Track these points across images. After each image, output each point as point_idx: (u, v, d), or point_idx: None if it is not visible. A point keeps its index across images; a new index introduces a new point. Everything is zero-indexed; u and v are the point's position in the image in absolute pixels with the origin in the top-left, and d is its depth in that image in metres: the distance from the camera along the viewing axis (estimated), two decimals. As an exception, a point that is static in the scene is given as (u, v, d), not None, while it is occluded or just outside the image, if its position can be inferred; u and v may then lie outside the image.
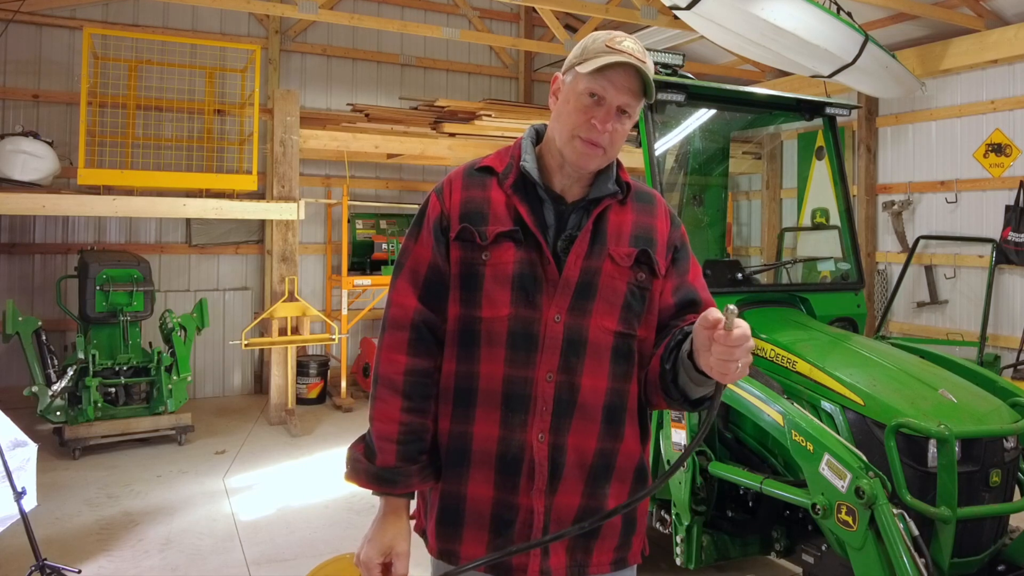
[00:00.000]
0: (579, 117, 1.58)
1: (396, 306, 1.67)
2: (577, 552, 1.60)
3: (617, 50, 1.55)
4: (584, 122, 1.57)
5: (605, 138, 1.58)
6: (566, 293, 1.59)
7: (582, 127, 1.58)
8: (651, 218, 1.70)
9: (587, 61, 1.56)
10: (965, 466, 2.75)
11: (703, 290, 1.72)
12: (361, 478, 1.66)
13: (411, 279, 1.66)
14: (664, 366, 1.59)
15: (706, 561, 3.40)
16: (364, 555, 1.63)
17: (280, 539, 4.41)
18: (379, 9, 8.91)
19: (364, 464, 1.65)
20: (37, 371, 5.77)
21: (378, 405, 1.65)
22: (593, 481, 1.60)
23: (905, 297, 7.25)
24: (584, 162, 1.61)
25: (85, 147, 6.16)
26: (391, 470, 1.62)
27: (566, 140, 1.60)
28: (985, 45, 6.36)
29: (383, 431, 1.64)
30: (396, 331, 1.65)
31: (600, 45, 1.57)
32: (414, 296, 1.65)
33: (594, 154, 1.59)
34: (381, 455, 1.63)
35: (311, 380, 7.80)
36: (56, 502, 4.82)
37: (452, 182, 1.69)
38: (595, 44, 1.58)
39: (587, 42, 1.61)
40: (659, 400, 1.66)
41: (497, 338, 1.59)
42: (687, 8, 5.12)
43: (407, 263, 1.68)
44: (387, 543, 1.63)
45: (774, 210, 8.89)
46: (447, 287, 1.64)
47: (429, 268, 1.66)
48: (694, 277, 1.73)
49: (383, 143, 7.23)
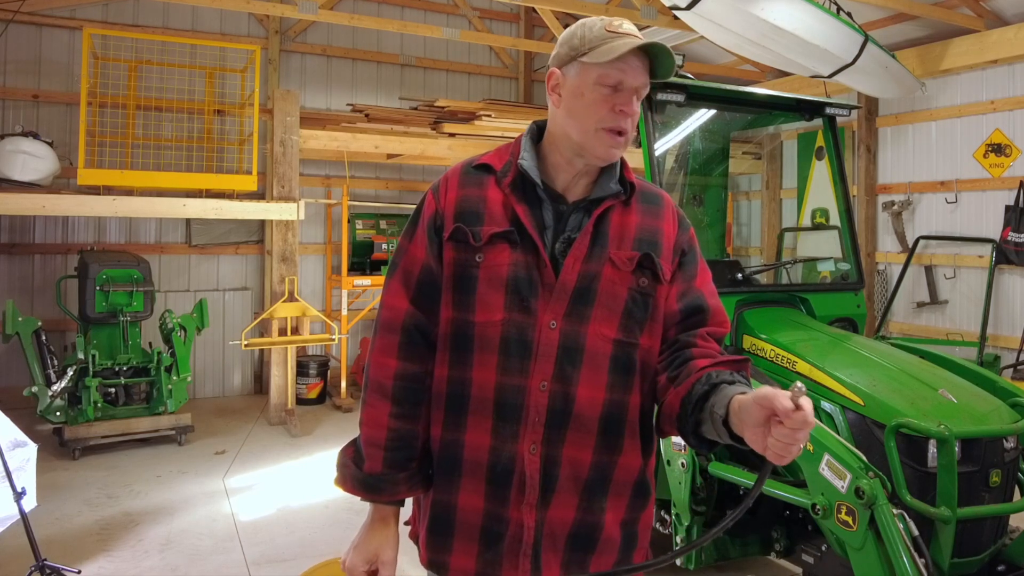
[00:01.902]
0: (602, 108, 1.52)
1: (387, 308, 1.62)
2: (572, 567, 1.53)
3: (621, 33, 1.52)
4: (608, 112, 1.52)
5: (628, 124, 1.54)
6: (562, 298, 1.51)
7: (607, 118, 1.52)
8: (657, 220, 1.61)
9: (595, 50, 1.51)
10: (965, 466, 2.75)
11: (711, 296, 1.63)
12: (348, 484, 1.64)
13: (404, 280, 1.61)
14: (686, 414, 1.48)
15: (706, 561, 3.40)
16: (350, 562, 1.61)
17: (280, 539, 4.41)
18: (379, 9, 8.91)
19: (352, 469, 1.63)
20: (37, 371, 5.76)
21: (367, 410, 1.62)
22: (589, 495, 1.53)
23: (905, 297, 7.25)
24: (613, 153, 1.56)
25: (85, 147, 6.15)
26: (378, 477, 1.59)
27: (590, 134, 1.54)
28: (985, 45, 6.36)
29: (371, 436, 1.60)
30: (387, 334, 1.61)
31: (601, 32, 1.52)
32: (406, 298, 1.60)
33: (621, 143, 1.55)
34: (369, 461, 1.60)
35: (311, 380, 7.81)
36: (56, 502, 4.82)
37: (448, 180, 1.63)
38: (595, 32, 1.53)
39: (582, 31, 1.55)
40: (671, 432, 1.58)
41: (490, 343, 1.52)
42: (687, 8, 5.11)
43: (401, 263, 1.63)
44: (372, 551, 1.60)
45: (774, 210, 8.89)
46: (440, 289, 1.58)
47: (422, 269, 1.60)
48: (702, 283, 1.63)
49: (383, 143, 7.23)
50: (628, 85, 1.52)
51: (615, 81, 1.51)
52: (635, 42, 1.49)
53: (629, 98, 1.53)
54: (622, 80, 1.51)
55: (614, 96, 1.52)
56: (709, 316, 1.60)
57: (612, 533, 1.56)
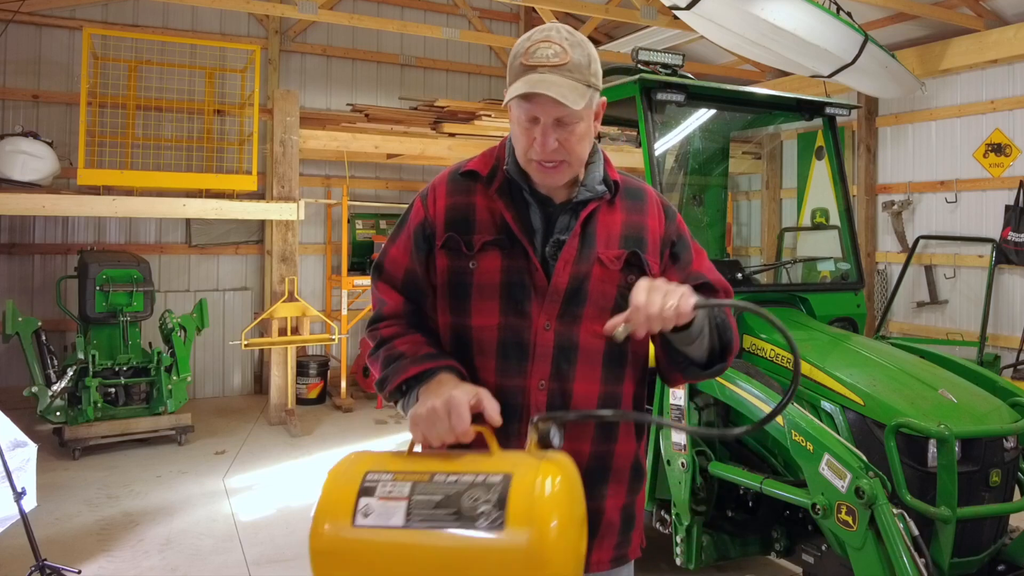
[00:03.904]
0: (523, 141, 1.53)
1: (384, 302, 1.67)
2: None
3: (530, 66, 1.46)
4: (529, 146, 1.52)
5: (557, 154, 1.51)
6: (555, 300, 1.56)
7: (531, 151, 1.52)
8: (641, 216, 1.65)
9: (511, 84, 1.49)
10: (965, 466, 2.75)
11: (710, 272, 1.68)
12: (398, 376, 1.53)
13: (389, 282, 1.67)
14: (657, 343, 1.61)
15: (706, 561, 3.39)
16: (452, 398, 1.38)
17: (280, 539, 4.41)
18: (379, 9, 8.91)
19: (389, 371, 1.55)
20: (37, 371, 5.77)
21: (376, 355, 1.61)
22: (590, 484, 1.56)
23: (905, 297, 7.25)
24: (550, 181, 1.56)
25: (85, 147, 6.15)
26: (423, 357, 1.54)
27: (524, 164, 1.56)
28: (985, 45, 6.36)
29: (391, 355, 1.57)
30: (390, 317, 1.64)
31: (517, 64, 1.49)
32: (397, 293, 1.66)
33: (554, 172, 1.54)
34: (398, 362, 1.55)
35: (311, 380, 7.81)
36: (56, 502, 4.82)
37: (436, 188, 1.65)
38: (515, 61, 1.50)
39: (513, 54, 1.52)
40: (675, 376, 1.66)
41: (488, 347, 1.57)
42: (687, 8, 5.12)
43: (385, 265, 1.68)
44: (466, 390, 1.43)
45: (774, 210, 8.89)
46: (424, 293, 1.64)
47: (405, 272, 1.65)
48: (698, 264, 1.69)
49: (383, 143, 7.23)
50: (543, 119, 1.49)
51: (529, 116, 1.50)
52: (524, 88, 1.44)
53: (545, 130, 1.49)
54: (535, 115, 1.49)
55: (532, 128, 1.51)
56: (714, 289, 1.66)
57: (613, 517, 1.62)
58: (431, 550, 1.26)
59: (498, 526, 1.24)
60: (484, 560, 1.25)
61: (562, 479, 1.31)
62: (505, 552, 1.24)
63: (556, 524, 1.25)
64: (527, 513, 1.25)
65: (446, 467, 1.33)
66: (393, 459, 1.39)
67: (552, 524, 1.25)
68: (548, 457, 1.35)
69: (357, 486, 1.32)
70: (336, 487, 1.34)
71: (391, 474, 1.33)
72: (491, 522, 1.25)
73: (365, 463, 1.37)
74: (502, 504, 1.26)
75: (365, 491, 1.31)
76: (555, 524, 1.25)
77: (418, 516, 1.27)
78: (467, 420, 1.37)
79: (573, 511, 1.33)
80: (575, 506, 1.35)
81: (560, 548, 1.26)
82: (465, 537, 1.25)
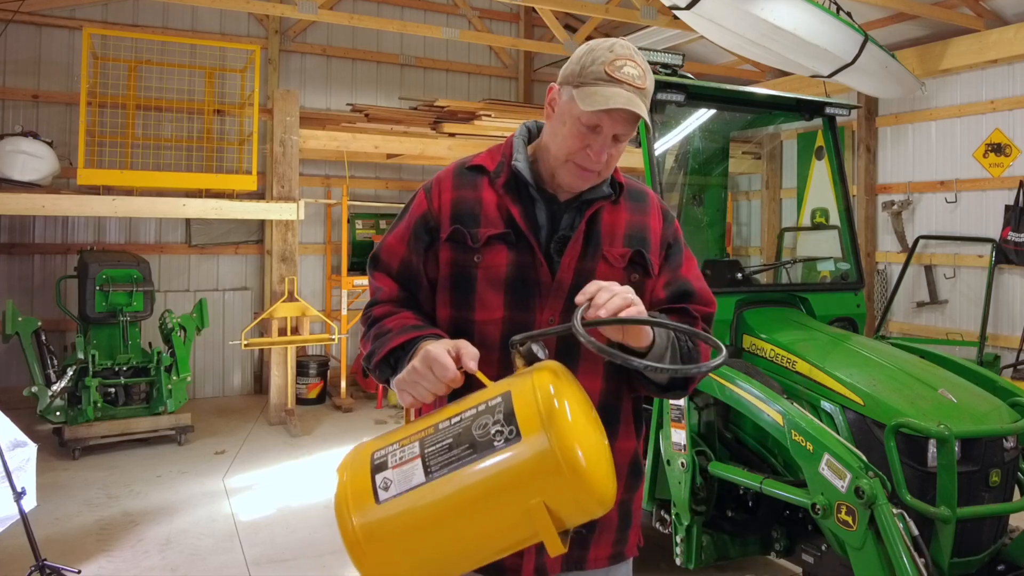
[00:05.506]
0: (574, 143, 1.54)
1: (380, 288, 1.67)
2: (574, 548, 1.58)
3: (617, 79, 1.49)
4: (579, 149, 1.54)
5: (600, 164, 1.55)
6: (559, 296, 1.57)
7: (577, 154, 1.54)
8: (644, 216, 1.68)
9: (586, 87, 1.50)
10: (965, 466, 2.75)
11: (696, 280, 1.70)
12: (383, 348, 1.53)
13: (385, 271, 1.68)
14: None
15: (706, 561, 3.39)
16: (428, 352, 1.40)
17: (280, 539, 4.41)
18: (379, 9, 8.91)
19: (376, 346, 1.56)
20: (37, 371, 5.77)
21: (373, 330, 1.61)
22: None
23: (905, 297, 7.25)
24: (578, 185, 1.59)
25: (85, 147, 6.15)
26: (408, 328, 1.55)
27: (560, 162, 1.57)
28: (985, 45, 6.36)
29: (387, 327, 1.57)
30: (385, 300, 1.65)
31: (600, 70, 1.50)
32: (394, 282, 1.66)
33: (588, 178, 1.58)
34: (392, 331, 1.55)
35: (311, 380, 7.81)
36: (56, 502, 4.82)
37: (441, 181, 1.66)
38: (595, 67, 1.51)
39: (586, 59, 1.53)
40: (636, 386, 1.66)
41: (491, 341, 1.57)
42: (687, 8, 5.12)
43: (381, 254, 1.69)
44: (443, 342, 1.45)
45: (774, 210, 8.89)
46: (419, 284, 1.64)
47: (401, 262, 1.66)
48: (687, 270, 1.71)
49: (383, 143, 7.23)
50: (606, 131, 1.53)
51: (594, 124, 1.52)
52: (618, 102, 1.47)
53: (604, 142, 1.53)
54: (600, 125, 1.52)
55: (590, 135, 1.53)
56: (694, 297, 1.68)
57: (610, 514, 1.60)
58: (463, 491, 1.24)
59: (515, 438, 1.24)
60: (518, 477, 1.23)
61: (558, 376, 1.32)
62: (533, 459, 1.22)
63: (569, 414, 1.25)
64: (536, 416, 1.24)
65: (446, 414, 1.33)
66: (393, 433, 1.39)
67: (565, 415, 1.24)
68: (538, 367, 1.35)
69: (368, 467, 1.31)
70: (349, 477, 1.33)
71: (396, 444, 1.32)
72: (506, 438, 1.24)
73: (368, 447, 1.37)
74: (511, 419, 1.25)
75: (377, 468, 1.30)
76: (568, 413, 1.25)
77: (436, 465, 1.26)
78: (451, 366, 1.37)
79: (578, 399, 1.33)
80: (578, 395, 1.35)
81: (580, 432, 1.25)
82: (490, 464, 1.24)
